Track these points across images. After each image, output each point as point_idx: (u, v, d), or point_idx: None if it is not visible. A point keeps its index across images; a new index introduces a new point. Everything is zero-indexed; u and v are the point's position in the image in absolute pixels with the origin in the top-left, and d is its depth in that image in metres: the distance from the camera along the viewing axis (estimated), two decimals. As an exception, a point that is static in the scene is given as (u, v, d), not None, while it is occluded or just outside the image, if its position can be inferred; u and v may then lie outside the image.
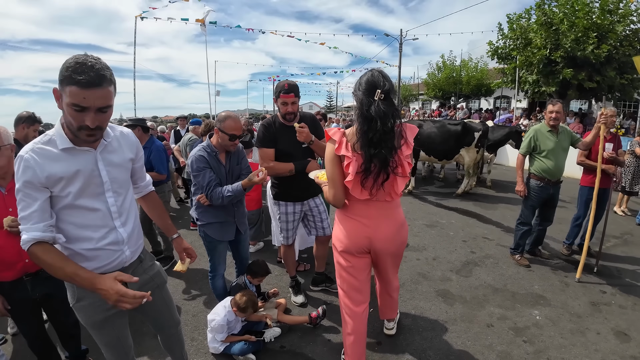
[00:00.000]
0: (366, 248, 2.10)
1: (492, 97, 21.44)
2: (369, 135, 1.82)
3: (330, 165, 1.97)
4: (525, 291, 3.53)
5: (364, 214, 2.04)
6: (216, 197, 2.48)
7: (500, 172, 9.87)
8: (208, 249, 2.82)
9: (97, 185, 1.47)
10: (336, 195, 2.00)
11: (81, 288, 1.47)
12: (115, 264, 1.55)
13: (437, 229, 5.31)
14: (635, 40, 10.82)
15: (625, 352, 2.67)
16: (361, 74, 2.01)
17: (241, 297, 2.57)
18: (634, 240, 5.04)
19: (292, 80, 2.87)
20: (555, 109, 3.82)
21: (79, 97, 1.26)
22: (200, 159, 2.55)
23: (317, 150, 2.86)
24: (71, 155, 1.41)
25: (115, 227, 1.53)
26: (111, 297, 1.32)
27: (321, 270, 3.44)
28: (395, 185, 1.98)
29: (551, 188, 3.95)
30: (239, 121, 2.60)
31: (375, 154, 1.84)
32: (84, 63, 1.26)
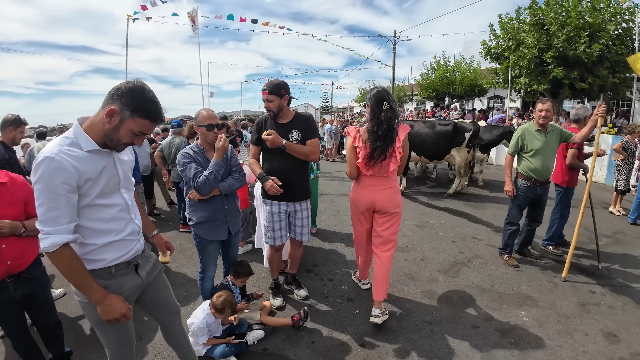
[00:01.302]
0: (371, 206, 2.95)
1: (486, 97, 21.54)
2: (378, 133, 2.68)
3: (348, 152, 2.91)
4: (513, 292, 3.50)
5: (369, 184, 2.93)
6: (202, 183, 2.45)
7: (492, 172, 9.90)
8: (198, 249, 2.78)
9: (115, 183, 1.60)
10: (351, 171, 2.96)
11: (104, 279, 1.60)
12: (133, 252, 1.70)
13: (427, 229, 5.28)
14: (627, 39, 10.87)
15: (614, 353, 2.64)
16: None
17: (217, 298, 2.52)
18: (626, 240, 5.04)
19: (277, 80, 2.84)
20: (545, 108, 3.78)
21: (147, 128, 1.53)
22: (185, 155, 2.57)
23: (293, 153, 2.82)
24: (96, 155, 1.51)
25: (132, 219, 1.69)
26: (115, 314, 1.56)
27: (293, 272, 3.42)
28: (389, 166, 2.79)
29: (539, 188, 3.93)
30: (212, 112, 2.65)
31: (378, 146, 2.69)
32: (157, 102, 1.53)
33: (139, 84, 1.50)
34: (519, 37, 12.09)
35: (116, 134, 1.50)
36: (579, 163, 4.12)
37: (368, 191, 2.92)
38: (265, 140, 2.70)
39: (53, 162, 1.37)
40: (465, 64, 21.31)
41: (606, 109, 3.71)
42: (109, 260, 1.60)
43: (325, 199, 7.00)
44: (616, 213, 6.19)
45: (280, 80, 2.85)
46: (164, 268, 2.01)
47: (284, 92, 2.79)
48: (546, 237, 4.49)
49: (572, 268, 3.89)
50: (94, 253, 1.56)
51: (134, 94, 1.46)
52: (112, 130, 1.48)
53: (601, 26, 10.51)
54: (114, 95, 1.46)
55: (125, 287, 1.67)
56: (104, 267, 1.60)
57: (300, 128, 2.87)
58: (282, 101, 2.80)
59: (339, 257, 4.26)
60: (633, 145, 5.96)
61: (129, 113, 1.46)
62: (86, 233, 1.53)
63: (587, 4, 10.87)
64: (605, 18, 10.62)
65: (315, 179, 4.77)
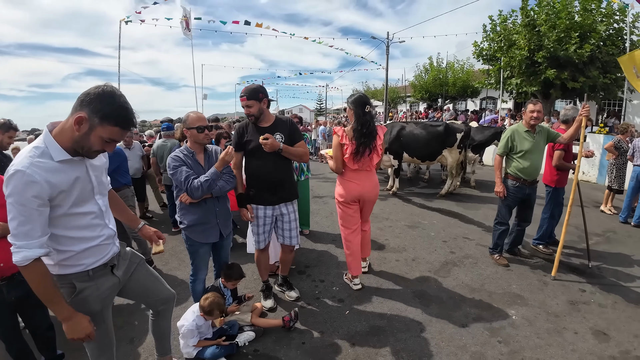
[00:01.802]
0: (356, 198, 3.36)
1: (478, 99, 21.67)
2: (363, 131, 3.12)
3: (335, 149, 3.25)
4: (503, 291, 3.53)
5: (355, 177, 3.31)
6: (195, 188, 2.45)
7: (485, 172, 9.97)
8: (190, 252, 2.77)
9: (89, 191, 1.59)
10: (337, 166, 3.29)
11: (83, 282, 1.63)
12: (109, 256, 1.73)
13: (419, 229, 5.30)
14: (618, 40, 10.97)
15: (604, 352, 2.66)
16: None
17: (205, 300, 2.51)
18: (617, 238, 5.10)
19: (254, 84, 2.87)
20: (536, 109, 3.82)
21: (118, 135, 1.49)
22: (175, 158, 2.56)
23: (289, 156, 2.85)
24: (68, 165, 1.49)
25: (106, 224, 1.70)
26: (80, 333, 1.56)
27: (284, 274, 3.45)
28: (372, 161, 3.27)
29: (527, 188, 3.97)
30: (201, 114, 2.65)
31: (362, 142, 3.13)
32: (128, 108, 1.48)
33: (109, 89, 1.45)
34: (510, 38, 12.19)
35: (86, 141, 1.46)
36: (565, 164, 4.16)
37: (354, 184, 3.30)
38: (264, 144, 2.68)
39: (24, 175, 1.35)
40: (458, 66, 21.44)
41: (590, 109, 3.77)
42: (87, 265, 1.64)
43: (318, 200, 7.01)
44: (607, 212, 6.26)
45: (256, 84, 2.88)
46: (143, 259, 2.03)
47: (262, 96, 2.79)
48: (536, 236, 4.53)
49: (563, 267, 3.94)
50: (72, 259, 1.59)
51: (103, 99, 1.42)
52: (82, 137, 1.45)
53: (592, 27, 10.61)
54: (82, 101, 1.42)
55: (103, 287, 1.71)
56: (82, 270, 1.63)
57: (283, 131, 2.87)
58: (261, 105, 2.80)
59: (331, 259, 4.26)
60: (625, 145, 6.03)
61: (98, 120, 1.42)
62: (63, 241, 1.55)
63: (577, 5, 10.98)
64: (596, 19, 10.73)
65: (306, 181, 4.78)
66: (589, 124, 4.24)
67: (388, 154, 7.56)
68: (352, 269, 3.53)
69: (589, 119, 4.25)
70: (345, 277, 3.72)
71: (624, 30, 10.71)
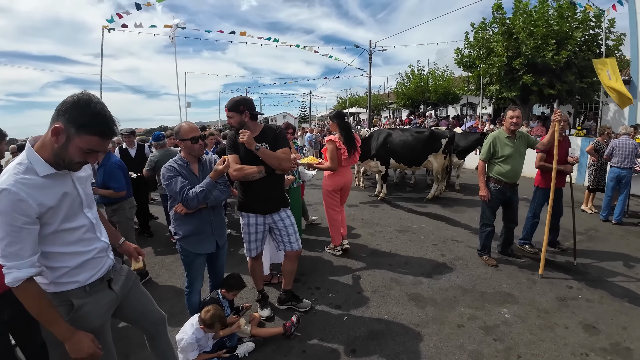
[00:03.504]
0: (340, 187, 4.42)
1: (459, 105, 22.17)
2: (348, 137, 4.28)
3: (334, 152, 4.19)
4: (494, 290, 3.62)
5: (342, 172, 4.37)
6: (191, 199, 2.44)
7: (468, 176, 10.19)
8: (185, 263, 2.75)
9: (78, 205, 1.55)
10: (335, 165, 4.20)
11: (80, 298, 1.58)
12: (105, 269, 1.69)
13: (409, 233, 5.39)
14: (594, 45, 11.41)
15: (595, 344, 2.76)
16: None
17: (206, 313, 2.50)
18: (599, 236, 5.30)
19: (239, 96, 2.88)
20: (515, 115, 3.99)
21: (97, 145, 1.42)
22: (170, 169, 2.55)
23: (266, 158, 2.77)
24: (53, 180, 1.44)
25: (98, 237, 1.66)
26: (82, 352, 1.49)
27: (288, 288, 3.32)
28: (353, 159, 4.44)
29: (508, 191, 4.14)
30: (193, 124, 2.64)
31: (350, 145, 4.28)
32: (106, 115, 1.42)
33: (85, 96, 1.39)
34: (489, 46, 12.56)
35: (65, 153, 1.40)
36: (546, 165, 4.31)
37: (342, 177, 4.38)
38: (240, 139, 2.69)
39: (10, 194, 1.31)
40: (439, 73, 21.94)
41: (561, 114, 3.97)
42: (83, 281, 1.59)
43: (309, 207, 7.00)
44: (588, 211, 6.50)
45: (241, 97, 2.88)
46: (139, 278, 2.01)
47: (243, 108, 2.80)
48: (522, 236, 4.67)
49: (549, 265, 4.07)
50: (66, 276, 1.54)
51: (78, 108, 1.36)
52: (61, 149, 1.39)
53: (568, 33, 11.00)
54: (59, 111, 1.37)
55: (101, 303, 1.67)
56: (78, 287, 1.59)
57: (269, 140, 2.85)
58: (242, 117, 2.80)
59: (325, 265, 4.29)
60: (604, 146, 6.29)
61: (74, 130, 1.37)
62: (56, 257, 1.51)
63: (553, 12, 11.40)
64: (572, 25, 11.14)
65: (297, 188, 4.80)
66: (566, 127, 4.42)
67: (375, 160, 7.67)
68: (336, 240, 4.56)
69: (568, 123, 4.43)
70: (328, 248, 4.68)
71: (600, 36, 11.16)
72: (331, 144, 4.20)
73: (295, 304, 3.30)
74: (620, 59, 12.11)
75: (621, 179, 5.87)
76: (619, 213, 5.84)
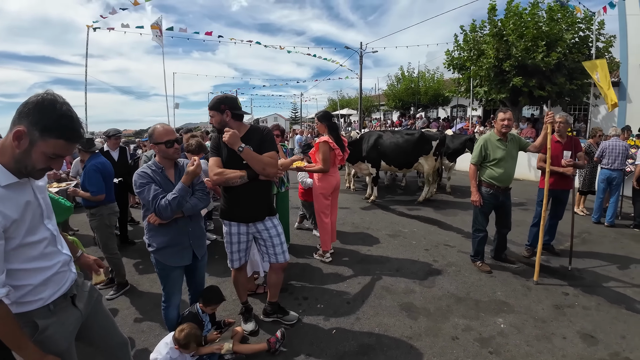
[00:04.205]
0: (333, 188, 4.30)
1: (449, 106, 22.23)
2: (337, 138, 4.16)
3: (327, 153, 4.03)
4: (489, 298, 3.49)
5: (332, 172, 4.25)
6: (164, 208, 2.24)
7: (459, 178, 10.12)
8: (160, 276, 2.55)
9: (39, 216, 1.43)
10: (327, 166, 4.05)
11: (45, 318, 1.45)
12: (68, 284, 1.55)
13: (400, 238, 5.25)
14: (584, 47, 11.46)
15: (594, 355, 2.65)
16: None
17: (180, 332, 2.29)
18: (592, 239, 5.22)
19: (222, 94, 2.69)
20: (506, 117, 3.87)
21: (63, 149, 1.31)
22: (142, 175, 2.34)
23: (250, 160, 2.54)
24: (15, 190, 1.32)
25: (60, 250, 1.53)
26: None
27: (274, 300, 3.12)
28: (343, 159, 4.34)
29: (501, 195, 4.02)
30: (169, 126, 2.45)
31: (340, 145, 4.18)
32: (72, 117, 1.31)
33: (50, 96, 1.28)
34: (479, 48, 12.55)
35: (28, 159, 1.28)
36: (544, 165, 4.21)
37: (333, 177, 4.26)
38: (224, 137, 2.49)
39: None
40: (429, 75, 21.99)
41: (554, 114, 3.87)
42: (46, 298, 1.45)
43: (297, 211, 6.83)
44: (580, 213, 6.44)
45: (223, 95, 2.68)
46: (101, 295, 1.87)
47: (224, 107, 2.60)
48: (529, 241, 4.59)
49: (543, 270, 3.96)
50: (30, 294, 1.40)
51: (42, 109, 1.25)
52: (23, 155, 1.27)
53: (558, 35, 11.03)
54: (21, 113, 1.25)
55: (67, 322, 1.54)
56: (42, 306, 1.44)
57: (253, 142, 2.61)
58: (223, 117, 2.60)
59: (313, 272, 4.11)
60: (595, 149, 6.25)
61: (38, 133, 1.25)
62: (19, 275, 1.37)
63: (544, 14, 11.42)
64: (562, 27, 11.18)
65: (285, 192, 4.63)
66: (564, 128, 4.30)
67: (366, 163, 7.54)
68: (326, 245, 4.41)
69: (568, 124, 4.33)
70: (317, 254, 4.50)
71: (590, 38, 11.22)
72: (325, 145, 4.04)
73: (281, 316, 3.11)
74: (610, 60, 12.21)
75: (612, 181, 5.82)
76: (611, 215, 5.79)
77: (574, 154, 4.30)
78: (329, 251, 4.48)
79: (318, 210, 4.33)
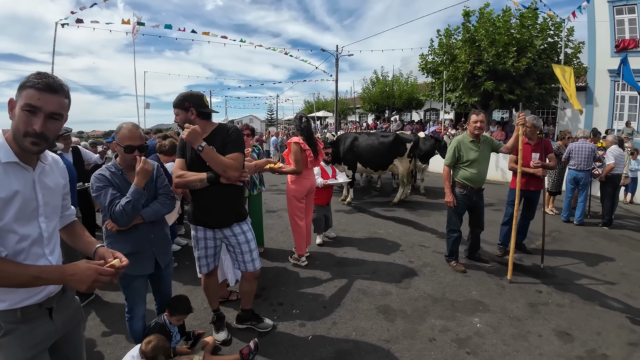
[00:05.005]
0: (307, 191, 4.17)
1: (422, 110, 22.65)
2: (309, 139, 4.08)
3: (299, 154, 3.92)
4: (464, 298, 3.49)
5: (306, 174, 4.13)
6: (119, 214, 2.08)
7: (432, 179, 10.26)
8: (122, 286, 2.37)
9: (32, 210, 1.38)
10: (300, 168, 3.94)
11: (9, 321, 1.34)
12: (42, 295, 1.41)
13: (376, 240, 5.22)
14: (552, 53, 11.92)
15: (570, 352, 2.67)
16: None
17: (147, 345, 2.14)
18: (562, 237, 5.37)
19: (188, 92, 2.52)
20: (479, 119, 3.92)
21: (34, 98, 1.29)
22: (99, 178, 2.18)
23: (209, 161, 2.37)
24: (11, 173, 1.31)
25: (44, 255, 1.43)
26: (88, 278, 1.31)
27: (247, 307, 2.98)
28: (317, 162, 4.28)
29: (474, 195, 4.06)
30: (137, 130, 2.24)
31: (313, 146, 4.09)
32: (45, 74, 1.34)
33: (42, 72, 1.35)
34: (453, 53, 12.83)
35: (15, 123, 1.32)
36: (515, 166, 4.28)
37: (307, 180, 4.14)
38: (182, 134, 2.33)
39: None
40: (403, 79, 22.36)
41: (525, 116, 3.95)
42: (14, 302, 1.33)
43: (272, 215, 6.72)
44: (549, 212, 6.63)
45: (189, 92, 2.50)
46: (84, 319, 1.73)
47: (188, 105, 2.43)
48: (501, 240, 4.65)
49: (516, 269, 4.02)
50: None
51: (26, 77, 1.34)
52: (13, 121, 1.33)
53: (528, 41, 11.43)
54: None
55: (36, 333, 1.40)
56: (6, 309, 1.33)
57: (217, 143, 2.45)
58: (187, 115, 2.44)
59: (289, 277, 4.00)
60: (564, 150, 6.46)
61: (18, 92, 1.31)
62: None
63: (516, 21, 11.80)
64: (533, 34, 11.59)
65: (258, 195, 4.50)
66: (532, 132, 4.41)
67: (343, 164, 7.52)
68: (302, 249, 4.30)
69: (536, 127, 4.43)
70: (292, 258, 4.38)
71: (559, 44, 11.68)
72: (295, 146, 3.93)
73: (255, 323, 2.97)
74: (578, 66, 12.75)
75: (579, 181, 6.03)
76: (580, 214, 5.99)
77: (544, 156, 4.40)
78: (305, 255, 4.36)
79: (291, 213, 4.23)
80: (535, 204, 4.56)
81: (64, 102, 1.36)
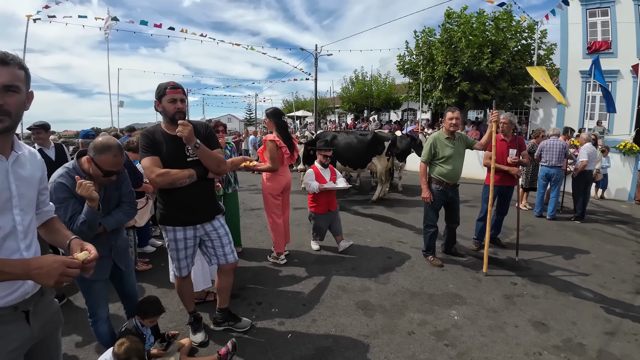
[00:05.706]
0: (283, 188, 4.13)
1: (400, 110, 22.96)
2: (285, 136, 4.00)
3: (275, 152, 3.87)
4: (442, 292, 3.53)
5: (282, 172, 4.08)
6: (77, 232, 1.93)
7: (409, 177, 10.39)
8: (82, 289, 2.28)
9: (5, 200, 1.28)
10: (276, 165, 3.91)
11: None
12: (17, 295, 1.31)
13: (355, 237, 5.22)
14: (526, 54, 12.29)
15: (547, 342, 2.73)
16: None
17: (120, 347, 2.06)
18: (535, 232, 5.53)
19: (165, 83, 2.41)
20: (454, 116, 4.00)
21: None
22: (60, 188, 2.01)
23: (205, 157, 2.37)
24: None
25: (19, 249, 1.32)
26: (55, 271, 1.19)
27: (224, 306, 2.89)
28: (292, 159, 4.17)
29: (450, 191, 4.14)
30: (121, 155, 2.10)
31: (287, 144, 3.98)
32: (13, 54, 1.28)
33: None
34: (430, 53, 13.05)
35: None
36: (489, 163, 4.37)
37: (282, 177, 4.10)
38: (179, 132, 2.22)
39: None
40: (381, 79, 22.61)
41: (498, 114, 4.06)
42: None
43: (250, 214, 6.63)
44: (523, 208, 6.83)
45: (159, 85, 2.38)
46: (62, 324, 1.63)
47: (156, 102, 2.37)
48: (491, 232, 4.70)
49: (491, 262, 4.11)
50: None
51: None
52: None
53: (503, 43, 11.75)
54: None
55: (9, 337, 1.29)
56: None
57: (200, 139, 2.37)
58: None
59: (268, 276, 3.94)
60: (537, 148, 6.64)
61: None
62: None
63: (490, 23, 12.10)
64: (507, 36, 11.91)
65: (234, 193, 4.42)
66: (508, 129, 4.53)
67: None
68: (280, 247, 4.26)
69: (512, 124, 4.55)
70: (271, 257, 4.33)
71: (532, 46, 12.03)
72: (271, 143, 3.87)
73: (233, 324, 2.90)
74: (550, 67, 13.18)
75: (551, 177, 6.23)
76: (552, 209, 6.19)
77: (519, 152, 4.52)
78: (284, 253, 4.32)
79: (268, 211, 4.17)
80: (509, 200, 4.68)
81: (17, 72, 1.27)
